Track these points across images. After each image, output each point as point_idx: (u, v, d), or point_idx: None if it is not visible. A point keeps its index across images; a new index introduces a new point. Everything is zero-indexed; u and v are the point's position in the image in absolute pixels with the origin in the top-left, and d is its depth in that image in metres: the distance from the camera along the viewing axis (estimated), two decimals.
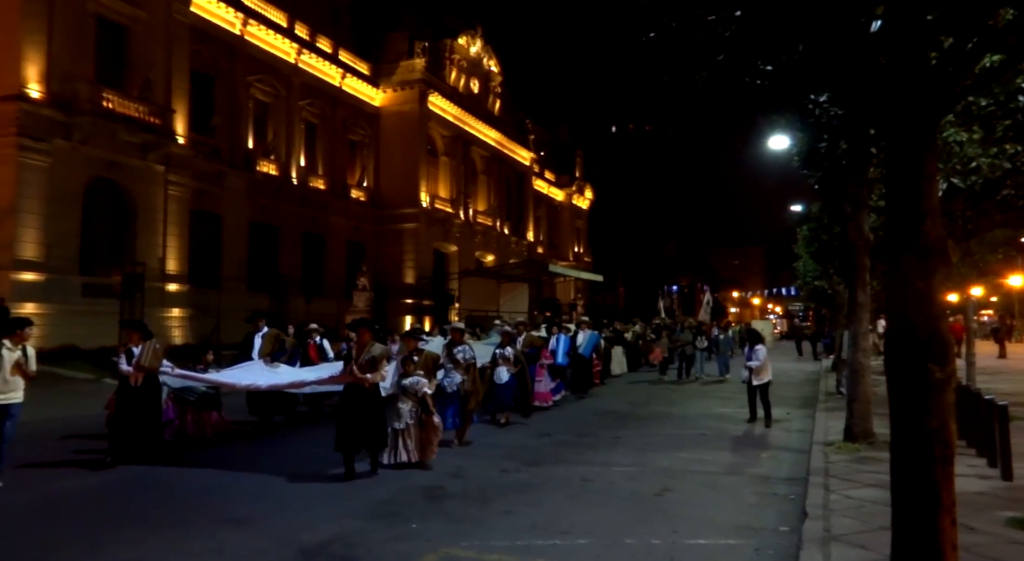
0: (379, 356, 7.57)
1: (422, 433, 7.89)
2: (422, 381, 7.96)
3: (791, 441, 10.22)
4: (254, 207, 28.43)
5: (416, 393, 7.90)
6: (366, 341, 7.64)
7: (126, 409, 8.35)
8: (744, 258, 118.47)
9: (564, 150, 61.95)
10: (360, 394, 7.48)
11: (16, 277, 18.79)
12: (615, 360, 20.75)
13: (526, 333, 13.16)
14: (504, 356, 11.11)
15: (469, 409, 9.43)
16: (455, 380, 9.32)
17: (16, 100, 18.97)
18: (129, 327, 9.05)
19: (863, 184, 9.20)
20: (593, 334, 16.15)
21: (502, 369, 10.96)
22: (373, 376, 7.49)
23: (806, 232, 18.56)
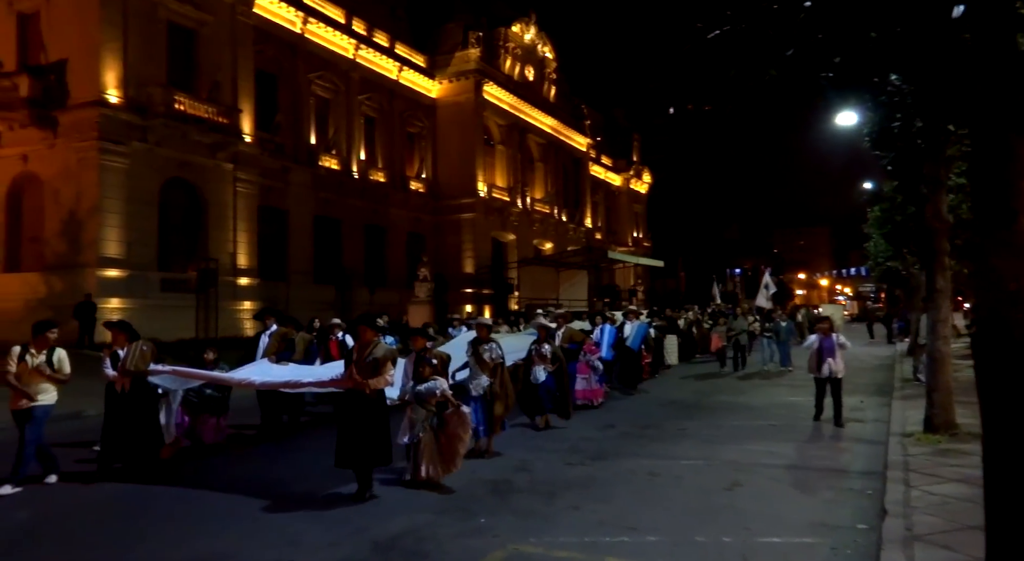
0: (383, 358, 6.55)
1: (443, 441, 6.89)
2: (440, 382, 6.98)
3: (866, 432, 9.89)
4: (318, 201, 29.14)
5: (432, 398, 6.91)
6: (368, 340, 6.67)
7: (113, 418, 7.60)
8: (810, 238, 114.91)
9: (621, 134, 61.13)
10: (360, 402, 6.55)
11: (101, 274, 19.81)
12: (668, 350, 19.71)
13: (565, 327, 12.10)
14: (541, 353, 10.14)
15: (497, 415, 8.34)
16: (481, 382, 8.28)
17: (96, 106, 19.93)
18: (114, 327, 8.04)
19: (940, 164, 8.77)
20: (641, 324, 15.06)
21: (538, 367, 10.02)
22: (376, 381, 6.48)
23: (878, 213, 17.83)
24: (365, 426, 6.48)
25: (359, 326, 6.93)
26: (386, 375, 6.55)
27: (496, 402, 8.30)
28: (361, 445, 6.46)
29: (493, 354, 8.36)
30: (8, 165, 21.62)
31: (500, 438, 8.73)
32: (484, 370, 8.32)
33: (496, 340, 8.60)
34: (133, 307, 20.15)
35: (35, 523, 6.06)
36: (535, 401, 10.03)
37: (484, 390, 8.27)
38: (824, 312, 23.19)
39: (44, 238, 21.08)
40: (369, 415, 6.53)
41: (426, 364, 7.06)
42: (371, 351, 6.55)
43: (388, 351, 6.69)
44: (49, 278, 20.53)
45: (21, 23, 21.95)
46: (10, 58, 21.48)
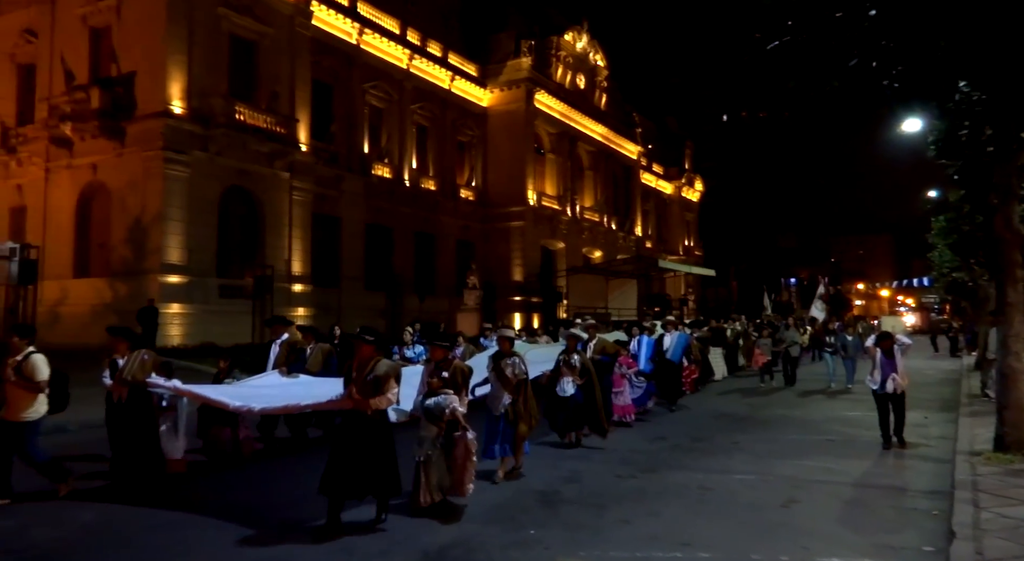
0: (384, 375, 5.94)
1: (449, 463, 6.29)
2: (451, 398, 6.32)
3: (931, 449, 9.49)
4: (370, 209, 29.63)
5: (443, 415, 6.27)
6: (367, 356, 6.07)
7: (113, 430, 7.26)
8: (870, 247, 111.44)
9: (673, 142, 60.47)
10: (361, 424, 5.95)
11: (163, 280, 20.52)
12: (714, 362, 18.75)
13: (597, 337, 11.19)
14: (569, 364, 9.34)
15: (520, 434, 7.63)
16: (503, 400, 7.59)
17: (162, 117, 20.72)
18: (115, 334, 7.57)
19: (1012, 172, 8.39)
20: (682, 335, 14.10)
21: (566, 380, 9.25)
22: (377, 401, 5.90)
23: (943, 222, 17.18)
24: (368, 451, 5.90)
25: (356, 341, 6.25)
26: (388, 394, 5.94)
27: (519, 422, 7.60)
28: (363, 471, 5.87)
29: (516, 370, 7.63)
30: (79, 174, 22.64)
31: (536, 455, 8.33)
32: (506, 387, 7.63)
33: (520, 354, 7.86)
34: (193, 312, 20.83)
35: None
36: (563, 416, 9.35)
37: (506, 408, 7.59)
38: (884, 324, 22.24)
39: (111, 245, 21.97)
40: (372, 439, 5.95)
41: (436, 376, 6.47)
42: (372, 368, 5.99)
43: (390, 367, 6.08)
44: (115, 284, 21.37)
45: (94, 38, 23.01)
46: (83, 71, 22.53)
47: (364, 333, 6.22)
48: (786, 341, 17.54)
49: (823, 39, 3.08)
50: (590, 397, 9.34)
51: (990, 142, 8.17)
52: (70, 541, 5.70)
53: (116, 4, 22.22)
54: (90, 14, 22.89)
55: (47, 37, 23.72)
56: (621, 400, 11.25)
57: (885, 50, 3.02)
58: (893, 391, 9.32)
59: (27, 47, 24.85)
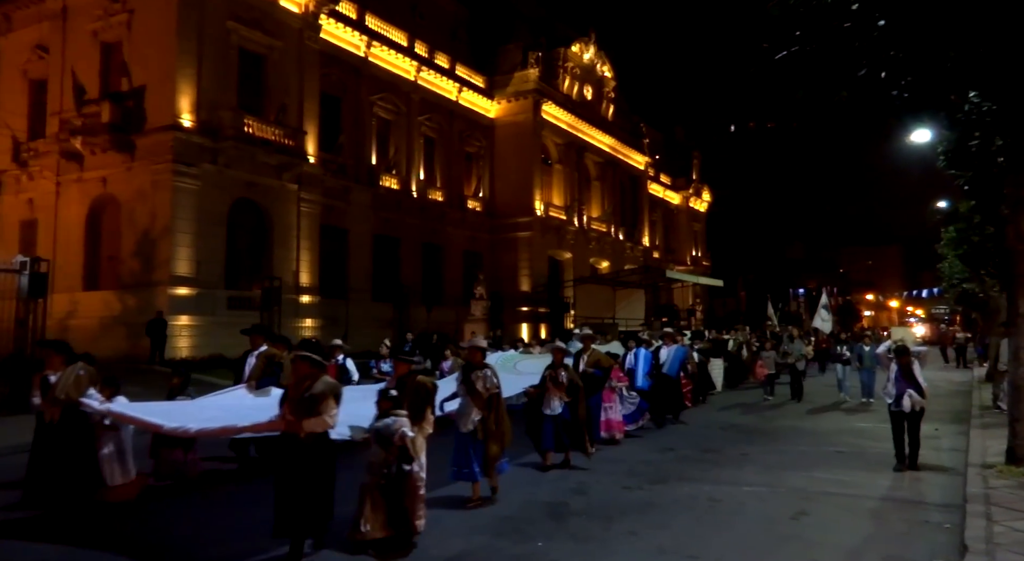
0: (320, 394, 5.37)
1: (397, 494, 5.65)
2: (400, 420, 5.70)
3: (942, 461, 9.41)
4: (377, 220, 29.72)
5: (392, 439, 5.64)
6: (304, 373, 5.52)
7: (40, 453, 6.65)
8: (879, 258, 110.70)
9: (680, 152, 60.47)
10: (294, 448, 5.35)
11: (172, 292, 20.60)
12: (713, 375, 18.15)
13: (591, 349, 10.47)
14: (556, 380, 8.69)
15: (492, 455, 6.99)
16: (472, 417, 6.99)
17: (171, 130, 20.88)
18: (48, 348, 7.00)
19: (1023, 183, 8.35)
20: (680, 348, 13.59)
21: (552, 397, 8.68)
22: (312, 422, 5.29)
23: (953, 233, 17.10)
24: (299, 480, 5.29)
25: (293, 357, 5.65)
26: (326, 415, 5.33)
27: (490, 441, 6.96)
28: (295, 505, 5.28)
29: (487, 383, 6.99)
30: (89, 187, 22.81)
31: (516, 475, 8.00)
32: (476, 402, 6.98)
33: (492, 368, 7.25)
34: (201, 324, 20.90)
35: None
36: (547, 435, 8.70)
37: (475, 426, 6.97)
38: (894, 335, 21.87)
39: (120, 257, 22.08)
40: (305, 466, 5.31)
41: (385, 396, 5.88)
42: (309, 386, 5.42)
43: (328, 386, 5.49)
44: (124, 296, 21.47)
45: (104, 52, 23.24)
46: (93, 85, 22.75)
47: (303, 348, 5.77)
48: (793, 354, 16.90)
49: (832, 49, 3.08)
50: (576, 415, 8.84)
51: (1000, 153, 8.14)
52: None
53: (127, 19, 22.46)
54: (101, 29, 23.14)
55: (58, 52, 23.97)
56: (610, 415, 10.67)
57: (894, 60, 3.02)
58: (911, 409, 8.70)
59: (39, 63, 25.11)
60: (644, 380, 12.04)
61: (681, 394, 13.58)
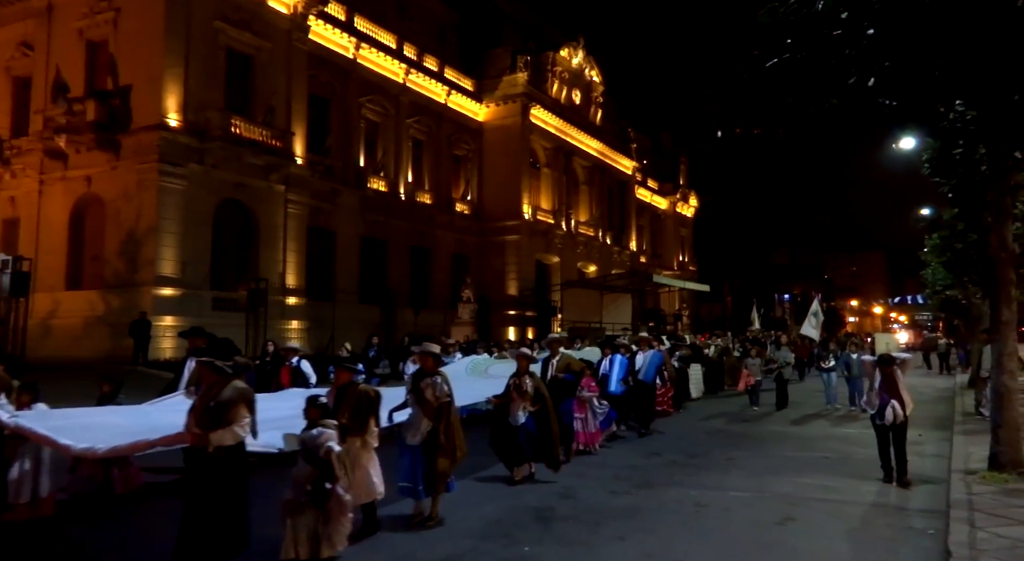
0: (229, 401, 4.81)
1: (320, 516, 5.12)
2: (327, 433, 5.19)
3: (925, 467, 9.47)
4: (365, 222, 29.62)
5: (318, 452, 5.14)
6: (209, 380, 4.93)
7: None
8: (863, 264, 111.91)
9: (668, 157, 60.79)
10: (202, 465, 4.78)
11: (156, 292, 20.43)
12: (693, 381, 17.63)
13: (560, 354, 9.94)
14: (520, 389, 8.10)
15: (440, 471, 6.36)
16: (421, 428, 6.41)
17: (157, 129, 20.71)
18: None
19: (1006, 192, 8.45)
20: (656, 354, 13.02)
21: (517, 407, 8.11)
22: (219, 435, 4.71)
23: (936, 240, 17.26)
24: (206, 501, 4.73)
25: (199, 362, 5.02)
26: (235, 426, 4.77)
27: (439, 455, 6.33)
28: (200, 528, 4.71)
29: (437, 391, 6.40)
30: (73, 187, 22.58)
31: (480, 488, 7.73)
32: (426, 412, 6.38)
33: (443, 374, 6.62)
34: (186, 325, 20.63)
35: None
36: (513, 448, 8.12)
37: (424, 438, 6.40)
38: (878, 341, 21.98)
39: (104, 257, 21.87)
40: (212, 485, 4.74)
41: (313, 406, 5.37)
42: (216, 393, 4.83)
43: (238, 393, 4.87)
44: (107, 296, 21.26)
45: (90, 50, 23.03)
46: (79, 84, 22.53)
47: (211, 350, 5.10)
48: (778, 361, 16.24)
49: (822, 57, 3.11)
50: (544, 425, 8.20)
51: (983, 161, 8.24)
52: None
53: (113, 18, 22.27)
54: (87, 27, 22.93)
55: (43, 50, 23.74)
56: (585, 426, 10.12)
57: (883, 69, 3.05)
58: (893, 421, 8.28)
59: (23, 60, 24.86)
60: (618, 385, 11.60)
61: (653, 403, 12.99)
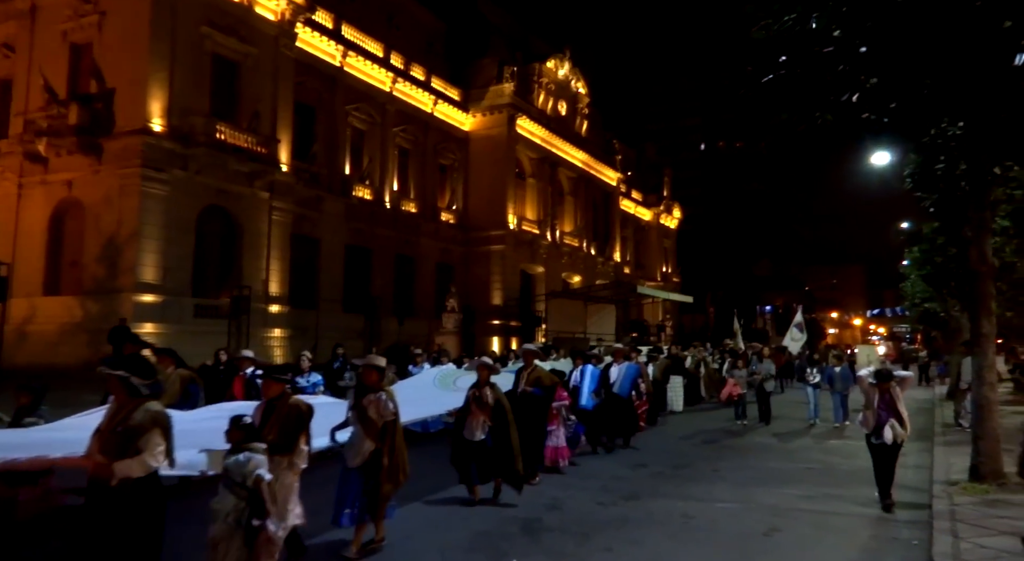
0: (140, 426, 4.13)
1: (246, 555, 4.52)
2: (256, 459, 4.54)
3: (907, 478, 9.55)
4: (350, 230, 29.50)
5: (244, 481, 4.48)
6: (119, 399, 4.29)
7: None
8: (843, 277, 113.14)
9: (652, 169, 61.26)
10: (103, 500, 4.10)
11: (136, 299, 20.16)
12: (672, 393, 17.16)
13: (534, 366, 9.29)
14: (480, 401, 7.58)
15: (383, 495, 5.85)
16: (362, 449, 5.84)
17: (141, 134, 20.52)
18: None
19: (985, 207, 8.61)
20: (631, 366, 12.34)
21: (476, 421, 7.57)
22: (124, 465, 4.06)
23: (917, 253, 17.54)
24: (103, 543, 4.03)
25: (110, 376, 4.24)
26: (146, 455, 4.09)
27: (382, 478, 5.80)
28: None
29: (382, 409, 5.85)
30: (53, 191, 22.27)
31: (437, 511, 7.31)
32: (368, 432, 5.83)
33: (388, 391, 6.04)
34: (166, 332, 20.45)
35: None
36: (472, 465, 7.58)
37: (365, 460, 5.83)
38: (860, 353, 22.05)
39: (83, 263, 21.57)
40: (114, 524, 4.03)
41: (235, 427, 4.68)
42: (126, 415, 4.16)
43: (152, 417, 4.18)
44: (86, 302, 20.96)
45: (74, 54, 22.79)
46: (61, 87, 22.28)
47: (124, 363, 4.36)
48: (761, 373, 15.70)
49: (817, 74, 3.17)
50: (503, 441, 7.61)
51: (964, 177, 8.40)
52: None
53: (98, 21, 22.07)
54: (71, 30, 22.70)
55: (25, 52, 23.44)
56: (554, 441, 9.57)
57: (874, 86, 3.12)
58: (892, 441, 7.72)
59: (4, 61, 24.51)
60: (589, 399, 11.04)
61: (634, 416, 12.40)
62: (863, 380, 8.22)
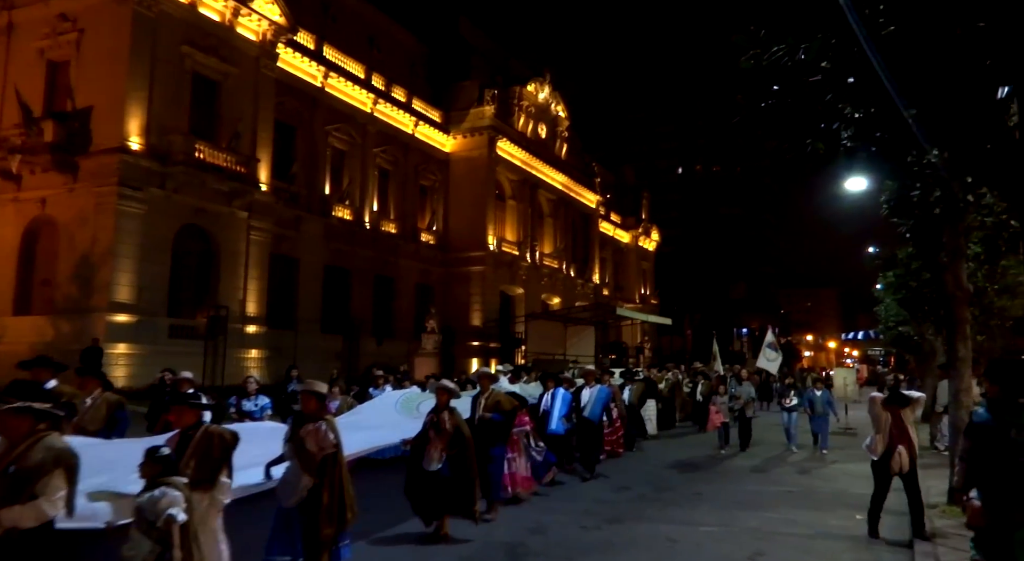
0: (38, 467, 3.57)
1: None
2: (170, 495, 3.89)
3: (888, 501, 9.59)
4: (329, 251, 29.34)
5: (156, 521, 3.86)
6: (20, 431, 3.64)
7: None
8: (817, 300, 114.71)
9: (630, 192, 61.89)
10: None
11: (110, 319, 19.81)
12: (647, 417, 16.61)
13: (491, 390, 8.55)
14: (438, 428, 7.02)
15: (323, 538, 5.26)
16: (299, 485, 5.28)
17: (118, 152, 20.31)
18: None
19: (960, 233, 8.81)
20: (602, 389, 11.82)
21: (432, 449, 7.02)
22: (16, 513, 3.48)
23: (891, 278, 17.81)
24: None
25: (6, 413, 3.63)
26: (44, 501, 3.52)
27: (321, 519, 5.23)
28: None
29: (322, 440, 5.29)
30: (26, 209, 21.91)
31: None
32: (305, 466, 5.28)
33: (329, 419, 5.51)
34: (140, 352, 20.11)
35: None
36: (428, 498, 6.99)
37: (302, 498, 5.27)
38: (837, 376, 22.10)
39: (56, 282, 21.18)
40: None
41: (149, 460, 4.01)
42: (21, 454, 3.58)
43: (53, 455, 3.62)
44: (58, 322, 20.54)
45: (51, 71, 22.58)
46: (37, 104, 22.01)
47: (14, 391, 3.71)
48: (742, 397, 14.96)
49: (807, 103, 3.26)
50: (462, 471, 7.01)
51: (938, 203, 8.58)
52: None
53: (77, 38, 21.90)
54: (48, 47, 22.49)
55: (0, 69, 23.19)
56: (515, 468, 8.94)
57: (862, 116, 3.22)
58: (901, 469, 7.29)
59: None
60: (559, 423, 10.49)
61: (600, 442, 11.87)
62: (875, 403, 7.58)
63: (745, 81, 3.71)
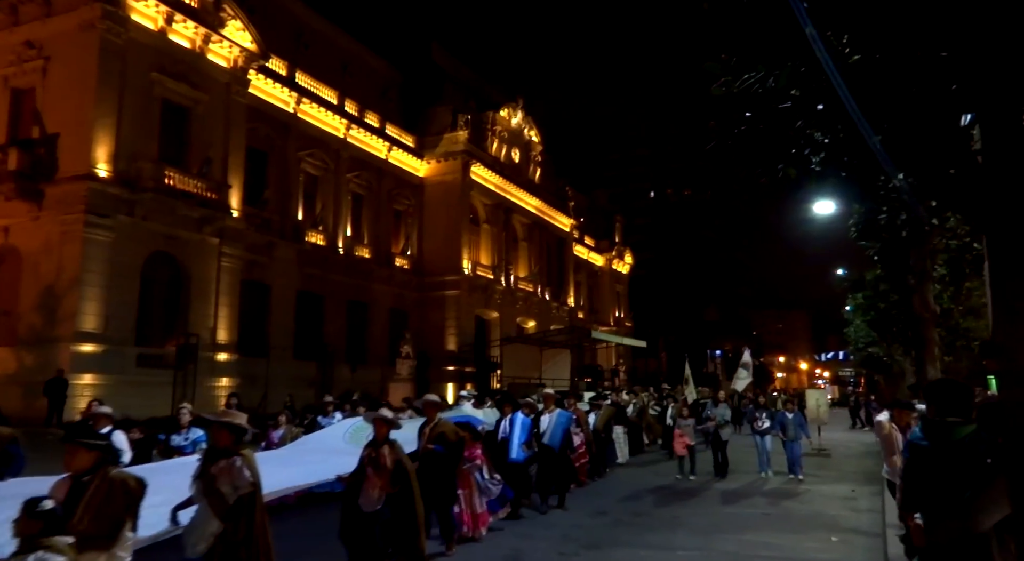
0: None
1: None
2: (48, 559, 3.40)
3: (861, 522, 9.69)
4: (302, 276, 29.06)
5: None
6: None
7: None
8: (789, 322, 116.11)
9: (603, 215, 62.45)
10: None
11: (75, 349, 19.32)
12: (618, 444, 16.04)
13: (437, 420, 7.86)
14: (376, 463, 6.31)
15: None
16: (209, 531, 4.65)
17: (85, 179, 19.97)
18: None
19: (926, 255, 9.01)
20: (562, 413, 11.12)
21: (372, 487, 6.32)
22: None
23: (860, 299, 18.15)
24: None
25: None
26: None
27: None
28: None
29: (236, 478, 4.69)
30: None
31: None
32: (215, 509, 4.66)
33: (246, 455, 4.83)
34: (107, 383, 19.60)
35: None
36: (366, 543, 6.26)
37: (211, 546, 4.63)
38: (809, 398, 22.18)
39: (18, 312, 20.65)
40: None
41: (23, 519, 3.49)
42: None
43: None
44: (20, 353, 19.99)
45: (15, 98, 22.23)
46: (2, 132, 21.64)
47: None
48: (716, 419, 14.29)
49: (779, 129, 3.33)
50: (405, 511, 6.39)
51: (906, 226, 8.78)
52: None
53: (43, 66, 21.60)
54: (12, 75, 22.15)
55: None
56: (468, 506, 8.34)
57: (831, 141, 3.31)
58: None
59: None
60: (520, 451, 9.78)
61: (567, 470, 11.15)
62: (883, 427, 7.42)
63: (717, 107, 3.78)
